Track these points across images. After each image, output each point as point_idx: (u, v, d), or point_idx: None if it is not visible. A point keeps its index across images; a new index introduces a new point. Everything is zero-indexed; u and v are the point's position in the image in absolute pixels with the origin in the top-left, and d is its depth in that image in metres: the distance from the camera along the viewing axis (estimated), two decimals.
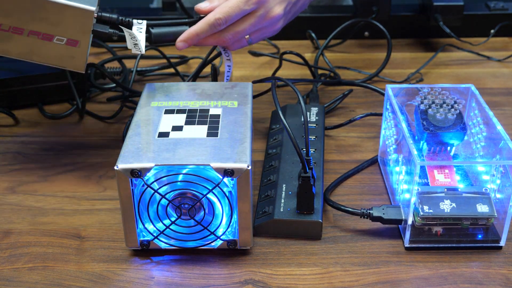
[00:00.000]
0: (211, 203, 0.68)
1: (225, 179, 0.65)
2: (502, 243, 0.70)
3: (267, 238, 0.72)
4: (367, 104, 1.00)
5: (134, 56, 1.05)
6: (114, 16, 0.79)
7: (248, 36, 0.83)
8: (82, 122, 0.96)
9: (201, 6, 0.82)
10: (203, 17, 0.81)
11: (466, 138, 0.75)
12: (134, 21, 0.80)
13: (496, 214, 0.68)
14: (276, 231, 0.72)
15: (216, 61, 1.10)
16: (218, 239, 0.69)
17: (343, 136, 0.92)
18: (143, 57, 1.11)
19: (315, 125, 0.87)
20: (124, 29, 0.79)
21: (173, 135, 0.70)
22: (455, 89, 0.79)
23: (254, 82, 0.85)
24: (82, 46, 0.76)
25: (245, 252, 0.70)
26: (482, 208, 0.68)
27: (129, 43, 0.79)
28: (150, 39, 0.82)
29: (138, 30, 0.79)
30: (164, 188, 0.66)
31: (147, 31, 0.81)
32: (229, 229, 0.69)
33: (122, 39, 0.79)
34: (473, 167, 0.74)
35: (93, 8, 0.74)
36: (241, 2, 0.79)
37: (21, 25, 0.74)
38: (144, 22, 0.80)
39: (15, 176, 0.84)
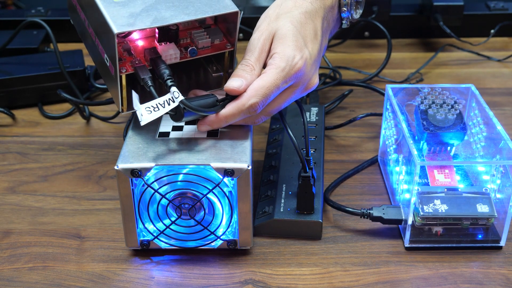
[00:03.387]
0: (211, 203, 0.68)
1: (225, 179, 0.65)
2: (502, 243, 0.70)
3: (267, 238, 0.72)
4: (367, 104, 1.00)
5: None
6: (167, 71, 0.67)
7: None
8: (82, 122, 0.96)
9: (233, 86, 0.67)
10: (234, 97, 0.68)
11: (466, 138, 0.75)
12: (173, 89, 0.65)
13: (496, 214, 0.68)
14: (276, 231, 0.72)
15: None
16: (218, 239, 0.69)
17: (343, 136, 0.92)
18: None
19: (315, 125, 0.87)
20: (153, 92, 0.66)
21: (173, 135, 0.70)
22: (455, 89, 0.79)
23: None
24: (115, 75, 0.67)
25: (245, 252, 0.70)
26: (482, 208, 0.68)
27: (138, 107, 0.64)
28: (175, 116, 0.67)
29: (167, 102, 0.65)
30: (164, 188, 0.66)
31: (174, 109, 0.66)
32: (229, 229, 0.69)
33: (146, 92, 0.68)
34: (473, 167, 0.74)
35: (116, 31, 0.63)
36: (279, 79, 0.67)
37: (90, 24, 0.70)
38: (180, 98, 0.65)
39: (15, 176, 0.84)
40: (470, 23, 1.21)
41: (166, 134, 0.70)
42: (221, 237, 0.69)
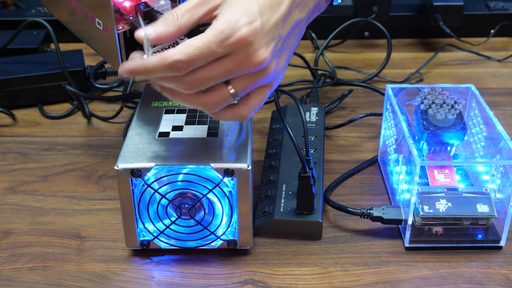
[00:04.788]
0: (211, 203, 0.68)
1: (225, 179, 0.65)
2: (502, 243, 0.70)
3: (267, 238, 0.72)
4: (367, 104, 1.00)
5: None
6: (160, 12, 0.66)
7: (230, 86, 0.61)
8: (82, 122, 0.96)
9: (140, 34, 0.60)
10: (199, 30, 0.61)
11: (466, 138, 0.75)
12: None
13: (496, 214, 0.68)
14: (276, 231, 0.72)
15: None
16: (218, 239, 0.69)
17: (343, 136, 0.92)
18: None
19: (315, 125, 0.87)
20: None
21: (173, 135, 0.70)
22: (455, 89, 0.79)
23: None
24: (112, 35, 0.66)
25: (245, 252, 0.70)
26: (482, 208, 0.68)
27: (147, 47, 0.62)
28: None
29: (171, 46, 0.62)
30: (164, 188, 0.66)
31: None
32: (229, 229, 0.69)
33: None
34: (473, 167, 0.74)
35: None
36: (213, 41, 0.57)
37: None
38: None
39: (15, 176, 0.84)
40: (470, 23, 1.21)
41: (166, 134, 0.70)
42: (221, 237, 0.69)
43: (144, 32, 0.60)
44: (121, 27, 0.67)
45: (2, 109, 0.96)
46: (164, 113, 0.74)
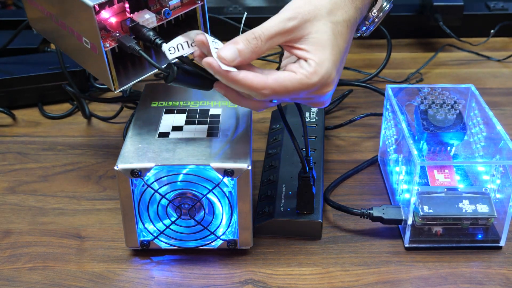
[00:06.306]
0: (211, 203, 0.68)
1: (225, 179, 0.65)
2: (502, 243, 0.70)
3: (267, 238, 0.72)
4: (367, 104, 1.00)
5: None
6: (150, 32, 0.67)
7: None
8: (82, 122, 0.96)
9: (225, 55, 0.60)
10: None
11: (466, 138, 0.75)
12: (164, 46, 0.64)
13: (496, 214, 0.68)
14: (276, 231, 0.72)
15: None
16: (218, 239, 0.69)
17: (343, 136, 0.92)
18: None
19: (315, 125, 0.87)
20: (144, 55, 0.66)
21: (173, 135, 0.70)
22: (455, 89, 0.79)
23: None
24: (100, 53, 0.67)
25: (245, 252, 0.70)
26: (482, 208, 0.68)
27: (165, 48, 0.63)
28: (168, 77, 0.64)
29: (182, 46, 0.63)
30: (164, 188, 0.66)
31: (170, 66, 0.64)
32: (229, 229, 0.69)
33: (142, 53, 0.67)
34: (473, 167, 0.74)
35: (91, 4, 0.64)
36: (303, 90, 0.61)
37: (59, 17, 0.70)
38: (176, 54, 0.63)
39: (15, 176, 0.84)
40: (470, 23, 1.21)
41: (166, 134, 0.70)
42: (221, 237, 0.69)
43: (227, 55, 0.60)
44: (108, 45, 0.68)
45: (2, 109, 0.96)
46: (164, 113, 0.74)
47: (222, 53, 0.60)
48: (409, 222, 0.69)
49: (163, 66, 0.64)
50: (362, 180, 0.83)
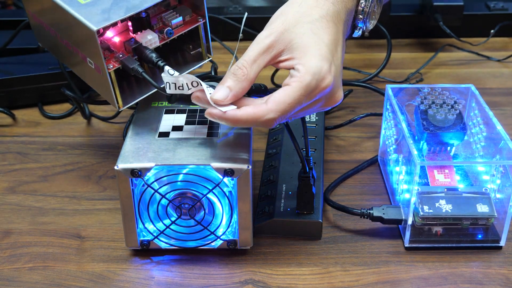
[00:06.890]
0: (211, 203, 0.68)
1: (225, 179, 0.65)
2: (502, 243, 0.70)
3: (267, 238, 0.72)
4: (367, 104, 1.00)
5: None
6: (153, 54, 0.69)
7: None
8: (82, 122, 0.96)
9: (217, 97, 0.61)
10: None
11: (466, 138, 0.75)
12: (167, 68, 0.66)
13: (496, 214, 0.68)
14: (276, 231, 0.72)
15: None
16: (218, 239, 0.69)
17: (343, 136, 0.92)
18: None
19: (315, 125, 0.87)
20: (147, 77, 0.68)
21: (173, 135, 0.70)
22: (455, 89, 0.79)
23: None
24: (104, 74, 0.68)
25: (245, 252, 0.70)
26: (482, 208, 0.68)
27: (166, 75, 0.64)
28: (171, 98, 0.66)
29: (187, 86, 0.63)
30: (164, 188, 0.66)
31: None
32: (229, 229, 0.69)
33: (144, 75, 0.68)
34: (473, 167, 0.74)
35: (95, 28, 0.65)
36: (303, 95, 0.60)
37: (63, 36, 0.72)
38: (176, 74, 0.64)
39: (15, 176, 0.84)
40: (470, 23, 1.20)
41: (166, 134, 0.70)
42: (221, 237, 0.69)
43: (219, 96, 0.61)
44: (111, 66, 0.69)
45: (2, 109, 0.96)
46: (164, 113, 0.74)
47: (214, 97, 0.61)
48: (409, 222, 0.69)
49: None
50: (362, 180, 0.83)
